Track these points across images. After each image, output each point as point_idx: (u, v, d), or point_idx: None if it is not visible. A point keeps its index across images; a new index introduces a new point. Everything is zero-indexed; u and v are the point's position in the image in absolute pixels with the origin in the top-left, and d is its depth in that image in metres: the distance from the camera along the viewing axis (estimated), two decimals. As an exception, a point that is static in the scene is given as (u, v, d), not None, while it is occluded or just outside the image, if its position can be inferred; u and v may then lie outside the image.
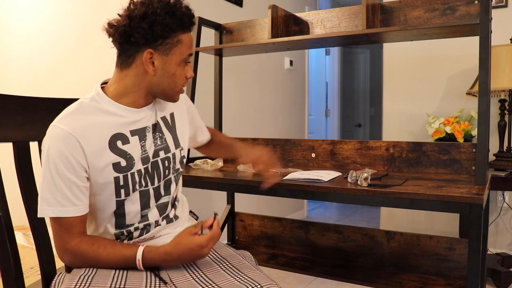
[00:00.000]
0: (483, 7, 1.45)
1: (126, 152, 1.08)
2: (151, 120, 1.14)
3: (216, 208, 2.85)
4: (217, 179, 1.64)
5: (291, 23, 2.03)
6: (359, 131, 5.93)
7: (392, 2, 1.80)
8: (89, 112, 1.06)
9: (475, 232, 1.20)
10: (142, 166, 1.10)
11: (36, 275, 1.78)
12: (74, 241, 1.03)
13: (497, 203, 2.73)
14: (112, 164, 1.05)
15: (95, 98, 1.08)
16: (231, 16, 3.00)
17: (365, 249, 1.95)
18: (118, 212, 1.10)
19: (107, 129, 1.06)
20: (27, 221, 1.13)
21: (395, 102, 3.03)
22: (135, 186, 1.09)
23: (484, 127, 1.42)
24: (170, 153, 1.17)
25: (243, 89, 3.24)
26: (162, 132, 1.16)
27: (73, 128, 1.01)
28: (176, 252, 1.02)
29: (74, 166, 1.01)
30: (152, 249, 1.03)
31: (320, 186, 1.43)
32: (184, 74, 1.11)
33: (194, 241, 1.01)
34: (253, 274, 1.06)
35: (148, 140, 1.12)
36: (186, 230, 1.04)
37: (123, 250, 1.03)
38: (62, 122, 1.02)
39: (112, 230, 1.11)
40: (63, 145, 1.00)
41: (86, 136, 1.02)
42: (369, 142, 1.81)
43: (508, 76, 2.24)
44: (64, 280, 1.03)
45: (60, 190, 1.00)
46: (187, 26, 1.08)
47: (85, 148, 1.01)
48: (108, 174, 1.05)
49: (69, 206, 1.01)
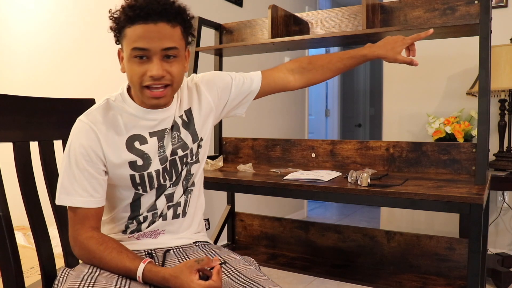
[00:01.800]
0: (483, 7, 1.45)
1: (143, 151, 1.09)
2: (171, 121, 1.13)
3: (216, 208, 2.84)
4: (217, 179, 1.64)
5: (291, 23, 2.03)
6: (359, 131, 5.93)
7: (392, 2, 1.80)
8: (112, 110, 1.08)
9: (475, 232, 1.20)
10: (160, 166, 1.11)
11: (36, 275, 1.78)
12: (85, 234, 1.04)
13: (497, 203, 2.73)
14: (128, 162, 1.07)
15: (119, 98, 1.10)
16: (231, 16, 3.00)
17: (365, 249, 1.95)
18: (134, 203, 1.12)
19: (126, 128, 1.08)
20: (27, 221, 1.13)
21: (395, 102, 3.03)
22: (152, 184, 1.11)
23: (484, 127, 1.42)
24: (188, 149, 1.16)
25: (243, 89, 3.23)
26: (179, 130, 1.14)
27: (94, 122, 1.04)
28: (172, 283, 0.98)
29: (93, 158, 1.04)
30: (153, 269, 1.00)
31: (320, 186, 1.43)
32: (140, 71, 1.01)
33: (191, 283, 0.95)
34: (258, 278, 1.05)
35: (166, 140, 1.12)
36: (188, 264, 0.98)
37: (126, 260, 1.01)
38: (86, 116, 1.06)
39: (125, 220, 1.13)
40: (84, 137, 1.03)
41: (105, 132, 1.05)
42: (369, 142, 1.81)
43: (508, 76, 2.24)
44: (68, 278, 1.02)
45: (79, 181, 1.03)
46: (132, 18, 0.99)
47: (103, 142, 1.04)
48: (124, 171, 1.08)
49: (87, 197, 1.04)
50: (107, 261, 1.02)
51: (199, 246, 1.21)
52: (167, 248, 1.16)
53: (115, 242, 1.06)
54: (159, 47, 1.00)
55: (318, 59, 1.31)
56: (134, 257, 1.03)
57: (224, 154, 2.18)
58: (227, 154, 2.17)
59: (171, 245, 1.17)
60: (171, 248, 1.17)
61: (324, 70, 1.31)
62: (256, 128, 3.35)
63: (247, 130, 3.21)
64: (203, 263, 0.97)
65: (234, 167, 1.88)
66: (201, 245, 1.22)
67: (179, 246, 1.18)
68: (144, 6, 0.99)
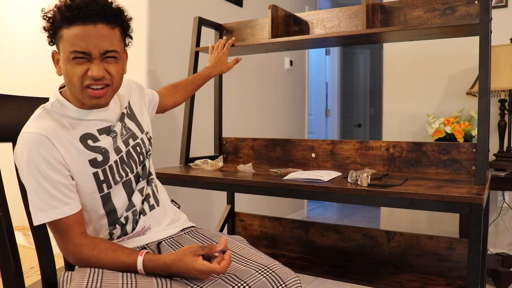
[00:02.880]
0: (483, 7, 1.45)
1: (100, 147, 1.08)
2: (115, 116, 1.15)
3: (216, 208, 2.85)
4: (217, 179, 1.64)
5: (291, 23, 2.03)
6: (359, 131, 5.93)
7: (392, 2, 1.80)
8: (53, 117, 1.05)
9: (475, 232, 1.20)
10: (117, 157, 1.12)
11: (36, 275, 1.78)
12: (74, 243, 1.02)
13: (497, 203, 2.73)
14: (89, 161, 1.06)
15: (56, 104, 1.07)
16: (231, 16, 3.00)
17: (365, 249, 1.95)
18: (107, 208, 1.10)
19: (74, 130, 1.06)
20: (27, 221, 1.13)
21: (395, 102, 3.03)
22: (114, 177, 1.10)
23: (484, 127, 1.42)
24: (138, 139, 1.19)
25: (243, 89, 3.24)
26: (124, 122, 1.17)
27: (43, 129, 1.00)
28: (174, 267, 0.99)
29: (55, 165, 1.00)
30: (153, 258, 1.01)
31: (320, 186, 1.43)
32: (80, 72, 1.00)
33: (195, 264, 0.96)
34: (255, 257, 1.09)
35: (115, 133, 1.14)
36: (192, 248, 0.99)
37: (123, 257, 1.02)
38: (30, 127, 1.02)
39: (106, 227, 1.12)
40: (39, 147, 0.99)
41: (56, 137, 1.01)
42: (369, 142, 1.81)
43: (508, 76, 2.24)
44: (73, 277, 1.01)
45: (49, 193, 1.00)
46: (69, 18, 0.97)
47: (58, 147, 1.01)
48: (86, 172, 1.05)
49: (62, 207, 1.01)
50: (104, 263, 1.02)
51: (189, 234, 1.24)
52: (158, 241, 1.18)
53: (107, 242, 1.06)
54: (99, 50, 1.00)
55: (179, 84, 1.59)
56: (130, 252, 1.04)
57: (224, 154, 2.18)
58: (227, 154, 2.17)
59: (161, 237, 1.19)
60: (161, 240, 1.19)
61: (184, 91, 1.60)
62: (256, 128, 3.35)
63: (247, 130, 3.21)
64: (206, 249, 0.99)
65: (234, 167, 1.88)
66: (190, 231, 1.25)
67: (169, 237, 1.20)
68: (82, 7, 0.97)
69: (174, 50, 2.46)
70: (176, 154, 2.17)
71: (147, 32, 2.30)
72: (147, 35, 2.29)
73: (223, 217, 2.27)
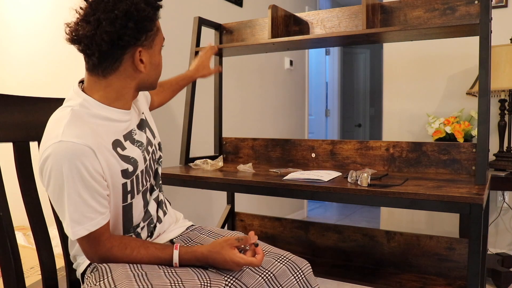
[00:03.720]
0: (483, 7, 1.45)
1: (129, 157, 1.05)
2: (135, 120, 1.12)
3: (216, 208, 2.85)
4: (217, 179, 1.64)
5: (291, 23, 2.03)
6: (359, 131, 5.93)
7: (392, 2, 1.80)
8: (85, 119, 0.99)
9: (475, 232, 1.20)
10: (143, 167, 1.11)
11: (36, 275, 1.78)
12: (105, 248, 1.01)
13: (497, 203, 2.73)
14: (121, 171, 1.03)
15: (84, 105, 1.00)
16: (231, 16, 3.00)
17: (365, 249, 1.95)
18: (126, 218, 1.09)
19: (106, 135, 1.01)
20: (27, 221, 1.13)
21: (395, 102, 3.03)
22: (138, 187, 1.09)
23: (484, 127, 1.42)
24: (153, 146, 1.19)
25: (243, 89, 3.24)
26: (144, 128, 1.16)
27: (85, 139, 0.94)
28: (211, 258, 1.02)
29: (96, 176, 0.96)
30: (189, 250, 1.04)
31: (320, 186, 1.43)
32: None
33: (234, 257, 1.00)
34: (268, 248, 1.16)
35: (137, 140, 1.10)
36: (229, 241, 1.02)
37: (157, 252, 1.03)
38: (69, 135, 0.92)
39: (120, 233, 1.11)
40: (83, 158, 0.93)
41: (98, 148, 0.96)
42: (369, 142, 1.81)
43: (508, 76, 2.24)
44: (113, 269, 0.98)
45: (87, 205, 0.95)
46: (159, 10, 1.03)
47: (100, 159, 0.96)
48: (117, 182, 1.03)
49: (98, 217, 0.97)
50: (138, 260, 1.02)
51: (196, 230, 1.28)
52: (169, 240, 1.21)
53: (136, 239, 1.07)
54: None
55: (164, 83, 1.56)
56: (163, 247, 1.05)
57: (224, 154, 2.18)
58: (227, 154, 2.17)
59: (171, 237, 1.22)
60: (172, 239, 1.22)
61: (169, 91, 1.58)
62: (256, 128, 3.35)
63: (247, 130, 3.21)
64: (242, 241, 1.03)
65: (234, 167, 1.88)
66: (195, 229, 1.29)
67: (178, 236, 1.24)
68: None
69: (174, 50, 2.46)
70: (176, 154, 2.17)
71: (147, 32, 2.30)
72: (147, 35, 2.29)
73: (223, 217, 2.27)
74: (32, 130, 1.18)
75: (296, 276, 1.08)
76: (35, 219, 1.14)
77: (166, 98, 1.58)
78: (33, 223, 1.14)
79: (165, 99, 1.57)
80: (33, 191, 1.15)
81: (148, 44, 1.02)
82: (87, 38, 0.95)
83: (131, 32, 0.95)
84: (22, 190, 1.13)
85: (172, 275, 0.98)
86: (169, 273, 0.99)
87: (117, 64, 0.99)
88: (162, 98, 1.55)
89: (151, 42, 1.03)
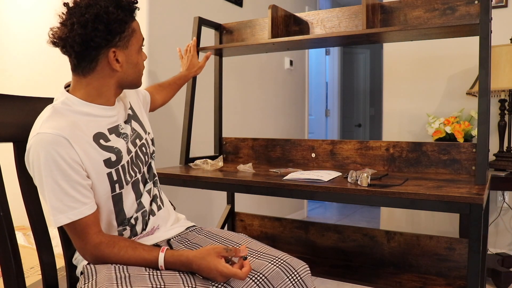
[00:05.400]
0: (483, 7, 1.45)
1: (113, 147, 1.10)
2: (122, 115, 1.18)
3: (216, 208, 2.85)
4: (217, 179, 1.64)
5: (291, 23, 2.03)
6: (359, 131, 5.93)
7: (392, 2, 1.80)
8: (65, 114, 1.05)
9: (475, 232, 1.20)
10: (128, 157, 1.14)
11: (36, 275, 1.78)
12: (93, 242, 1.03)
13: (497, 203, 2.73)
14: (103, 160, 1.07)
15: (66, 102, 1.07)
16: (231, 16, 3.00)
17: (365, 249, 1.95)
18: (117, 208, 1.12)
19: (87, 128, 1.06)
20: (27, 221, 1.13)
21: (395, 102, 3.03)
22: (126, 177, 1.12)
23: (484, 127, 1.42)
24: (143, 139, 1.22)
25: (243, 89, 3.24)
26: (131, 123, 1.21)
27: (59, 129, 1.00)
28: (196, 264, 1.00)
29: (73, 165, 1.00)
30: (175, 254, 1.03)
31: (320, 186, 1.43)
32: (142, 59, 1.16)
33: (218, 265, 0.98)
34: (264, 249, 1.14)
35: (124, 133, 1.16)
36: (217, 249, 1.01)
37: (143, 253, 1.04)
38: (45, 127, 1.00)
39: (115, 227, 1.13)
40: (57, 147, 0.98)
41: (73, 137, 1.01)
42: (369, 142, 1.81)
43: (508, 76, 2.24)
44: (98, 269, 1.02)
45: (67, 194, 1.00)
46: (134, 13, 1.10)
47: (76, 147, 1.01)
48: (101, 171, 1.06)
49: (80, 207, 1.01)
50: (125, 260, 1.03)
51: (195, 231, 1.28)
52: (167, 239, 1.21)
53: (125, 239, 1.08)
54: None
55: (163, 83, 1.68)
56: (151, 249, 1.05)
57: (224, 154, 2.18)
58: (227, 154, 2.17)
59: (169, 236, 1.22)
60: (170, 238, 1.22)
61: (169, 89, 1.68)
62: (256, 128, 3.35)
63: (247, 130, 3.21)
64: (231, 252, 1.01)
65: (234, 167, 1.88)
66: (195, 229, 1.30)
67: (176, 235, 1.24)
68: (132, 0, 1.09)
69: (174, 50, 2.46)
70: (176, 154, 2.17)
71: (147, 32, 2.30)
72: (147, 35, 2.29)
73: (223, 217, 2.27)
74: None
75: (291, 278, 1.06)
76: (35, 219, 1.14)
77: (168, 97, 1.69)
78: (33, 223, 1.14)
79: (167, 98, 1.67)
80: (33, 191, 1.15)
81: (122, 45, 1.08)
82: (62, 40, 1.04)
83: (101, 34, 1.02)
84: (22, 190, 1.13)
85: (156, 278, 0.98)
86: (154, 276, 0.99)
87: (94, 64, 1.07)
88: (164, 96, 1.64)
89: (126, 42, 1.08)
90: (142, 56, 1.16)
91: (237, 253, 1.01)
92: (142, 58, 1.16)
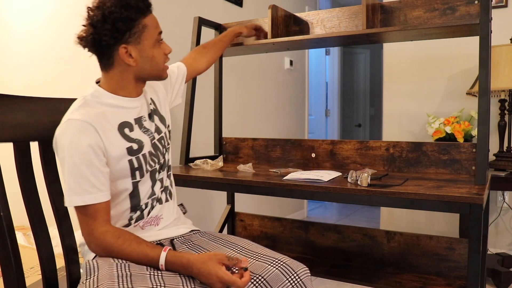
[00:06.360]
0: (483, 7, 1.45)
1: (135, 138, 1.16)
2: (145, 108, 1.24)
3: (216, 208, 2.85)
4: (217, 179, 1.64)
5: (291, 23, 2.03)
6: (359, 131, 5.93)
7: (392, 2, 1.80)
8: (94, 105, 1.13)
9: (475, 232, 1.20)
10: (150, 148, 1.19)
11: (36, 275, 1.78)
12: (100, 229, 1.06)
13: (497, 203, 2.74)
14: (126, 148, 1.13)
15: (95, 94, 1.16)
16: (231, 16, 3.00)
17: (365, 249, 1.95)
18: (133, 195, 1.17)
19: (113, 118, 1.13)
20: (27, 221, 1.13)
21: (395, 102, 3.03)
22: (146, 166, 1.17)
23: (484, 127, 1.42)
24: (162, 133, 1.27)
25: (243, 89, 3.24)
26: (153, 116, 1.26)
27: (87, 117, 1.07)
28: (196, 267, 1.00)
29: (96, 150, 1.06)
30: (176, 254, 1.05)
31: (320, 186, 1.43)
32: (162, 52, 1.20)
33: (219, 271, 0.98)
34: (264, 251, 1.15)
35: (146, 126, 1.21)
36: (219, 256, 1.02)
37: (146, 249, 1.05)
38: (75, 114, 1.08)
39: (128, 211, 1.17)
40: (84, 133, 1.05)
41: (99, 124, 1.08)
42: (369, 142, 1.81)
43: (508, 76, 2.24)
44: (100, 265, 1.03)
45: (85, 178, 1.04)
46: (144, 10, 1.14)
47: (101, 134, 1.07)
48: (123, 159, 1.12)
49: (96, 193, 1.06)
50: (127, 253, 1.04)
51: (198, 234, 1.30)
52: (170, 238, 1.23)
53: (131, 234, 1.10)
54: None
55: (207, 44, 1.69)
56: (154, 246, 1.07)
57: (224, 154, 2.18)
58: (227, 154, 2.17)
59: (173, 235, 1.24)
60: (174, 237, 1.24)
61: (214, 50, 1.69)
62: (256, 128, 3.35)
63: (247, 130, 3.22)
64: (233, 261, 1.01)
65: (234, 167, 1.88)
66: (199, 233, 1.31)
67: (180, 236, 1.26)
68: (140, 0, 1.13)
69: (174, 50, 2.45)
70: (176, 154, 2.17)
71: (147, 32, 2.30)
72: (147, 35, 2.29)
73: (223, 217, 2.27)
74: (32, 130, 1.18)
75: (290, 280, 1.06)
76: (35, 219, 1.14)
77: (213, 57, 1.69)
78: (33, 223, 1.14)
79: (212, 59, 1.68)
80: (33, 191, 1.15)
81: (134, 41, 1.12)
82: (82, 41, 1.13)
83: (108, 32, 1.08)
84: (22, 190, 1.13)
85: (157, 278, 0.99)
86: (154, 276, 1.00)
87: (111, 60, 1.14)
88: (208, 58, 1.66)
89: (137, 38, 1.13)
90: (161, 49, 1.19)
91: (238, 264, 1.02)
92: (161, 52, 1.19)
